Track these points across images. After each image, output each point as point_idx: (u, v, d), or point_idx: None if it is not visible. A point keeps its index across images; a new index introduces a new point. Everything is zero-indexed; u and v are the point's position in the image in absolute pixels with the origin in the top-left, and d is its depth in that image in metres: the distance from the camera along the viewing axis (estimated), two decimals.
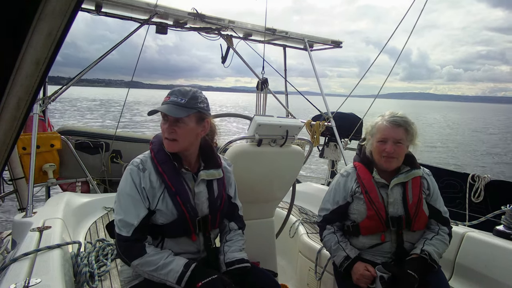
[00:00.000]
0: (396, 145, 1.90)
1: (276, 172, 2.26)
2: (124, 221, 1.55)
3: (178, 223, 1.61)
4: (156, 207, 1.59)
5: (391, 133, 1.91)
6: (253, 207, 2.31)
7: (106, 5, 3.56)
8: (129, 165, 1.64)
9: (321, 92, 4.68)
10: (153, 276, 1.54)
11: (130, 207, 1.56)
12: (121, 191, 1.60)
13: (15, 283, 1.42)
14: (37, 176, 3.69)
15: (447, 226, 2.00)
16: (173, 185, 1.61)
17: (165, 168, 1.62)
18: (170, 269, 1.53)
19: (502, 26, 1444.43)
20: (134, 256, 1.53)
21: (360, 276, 1.86)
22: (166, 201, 1.60)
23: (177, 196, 1.61)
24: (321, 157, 5.07)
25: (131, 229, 1.53)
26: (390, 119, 1.94)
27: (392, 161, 1.93)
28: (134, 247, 1.54)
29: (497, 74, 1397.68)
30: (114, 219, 1.61)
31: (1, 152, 0.66)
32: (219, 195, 1.74)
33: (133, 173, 1.60)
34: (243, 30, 4.43)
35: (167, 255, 1.56)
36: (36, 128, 3.04)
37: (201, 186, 1.70)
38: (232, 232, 1.83)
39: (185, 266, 1.54)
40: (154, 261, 1.52)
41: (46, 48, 0.53)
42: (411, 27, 3.68)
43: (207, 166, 1.73)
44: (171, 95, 1.61)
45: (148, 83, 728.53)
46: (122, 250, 1.57)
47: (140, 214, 1.56)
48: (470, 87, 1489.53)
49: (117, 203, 1.61)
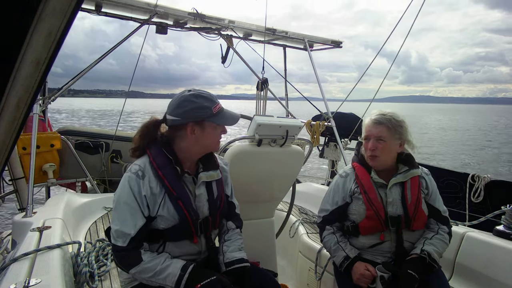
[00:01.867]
0: (377, 142, 1.93)
1: (276, 172, 2.26)
2: (120, 231, 1.52)
3: (179, 227, 1.59)
4: (157, 213, 1.57)
5: (372, 130, 1.95)
6: (253, 207, 2.31)
7: (106, 5, 3.56)
8: (127, 172, 1.60)
9: (321, 93, 4.68)
10: (152, 282, 1.53)
11: (127, 217, 1.53)
12: (118, 199, 1.56)
13: (15, 283, 1.42)
14: (37, 176, 3.69)
15: (447, 225, 2.00)
16: (175, 190, 1.58)
17: (165, 172, 1.58)
18: (168, 273, 1.51)
19: (500, 27, 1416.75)
20: (131, 265, 1.52)
21: (360, 276, 1.86)
22: (167, 206, 1.57)
23: (178, 200, 1.58)
24: (321, 157, 5.06)
25: (127, 239, 1.51)
26: (373, 117, 1.97)
27: (375, 159, 1.95)
28: (130, 256, 1.52)
29: (496, 75, 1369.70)
30: (111, 227, 1.59)
31: (1, 152, 0.66)
32: (218, 196, 1.73)
33: (132, 181, 1.55)
34: (243, 30, 4.43)
35: (163, 259, 1.54)
36: (36, 128, 3.03)
37: (202, 188, 1.68)
38: (230, 232, 1.82)
39: (182, 269, 1.52)
40: (151, 267, 1.51)
41: (46, 48, 0.53)
42: (408, 30, 3.68)
43: (206, 168, 1.72)
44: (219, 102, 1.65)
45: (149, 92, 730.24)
46: (119, 259, 1.56)
47: (137, 224, 1.52)
48: (470, 88, 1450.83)
49: (114, 211, 1.58)
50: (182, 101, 1.61)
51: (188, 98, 1.61)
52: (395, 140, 1.95)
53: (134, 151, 1.68)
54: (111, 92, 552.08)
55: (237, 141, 2.18)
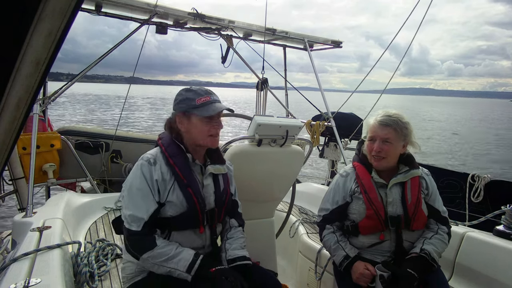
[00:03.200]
0: (384, 144, 1.92)
1: (276, 172, 2.26)
2: (133, 216, 1.57)
3: (187, 215, 1.64)
4: (167, 199, 1.62)
5: (379, 132, 1.94)
6: (253, 207, 2.31)
7: (106, 5, 3.56)
8: (139, 160, 1.67)
9: (321, 93, 4.68)
10: (163, 266, 1.56)
11: (140, 202, 1.58)
12: (130, 185, 1.62)
13: (15, 283, 1.42)
14: (37, 176, 3.69)
15: (446, 225, 2.00)
16: (185, 177, 1.65)
17: (176, 160, 1.66)
18: (180, 258, 1.56)
19: (503, 21, 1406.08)
20: (145, 249, 1.55)
21: (359, 275, 1.86)
22: (177, 193, 1.63)
23: (188, 188, 1.64)
24: (321, 157, 5.07)
25: (141, 224, 1.56)
26: (379, 118, 1.97)
27: (381, 160, 1.95)
28: (145, 240, 1.57)
29: (497, 69, 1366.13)
30: (122, 214, 1.63)
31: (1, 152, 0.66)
32: (224, 190, 1.79)
33: (144, 167, 1.62)
34: (243, 30, 4.44)
35: (176, 246, 1.60)
36: (36, 128, 3.04)
37: (209, 179, 1.75)
38: (233, 230, 1.85)
39: (195, 255, 1.59)
40: (165, 252, 1.55)
41: (46, 48, 0.53)
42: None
43: (213, 161, 1.79)
44: (210, 95, 1.70)
45: (148, 78, 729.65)
46: (132, 243, 1.59)
47: (150, 209, 1.58)
48: (471, 82, 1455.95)
49: (126, 198, 1.62)
50: (177, 95, 1.74)
51: (180, 92, 1.74)
52: (400, 142, 1.95)
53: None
54: (110, 77, 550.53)
55: (237, 141, 2.18)
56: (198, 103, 1.66)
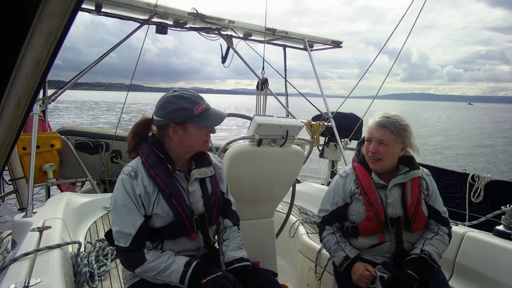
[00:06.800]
0: (379, 145, 1.91)
1: (276, 172, 2.26)
2: (121, 232, 1.54)
3: (175, 225, 1.61)
4: (152, 211, 1.59)
5: (375, 133, 1.93)
6: (253, 207, 2.31)
7: (106, 5, 3.56)
8: (120, 174, 1.62)
9: (321, 92, 4.68)
10: (157, 279, 1.55)
11: (126, 217, 1.55)
12: (115, 201, 1.59)
13: (15, 283, 1.42)
14: (37, 176, 3.69)
15: (447, 226, 2.00)
16: (167, 187, 1.60)
17: (157, 171, 1.60)
18: (171, 270, 1.54)
19: (501, 26, 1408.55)
20: (135, 265, 1.54)
21: (360, 276, 1.86)
22: (162, 204, 1.59)
23: (172, 198, 1.60)
24: (321, 157, 5.06)
25: (129, 239, 1.53)
26: (377, 119, 1.95)
27: (377, 162, 1.93)
28: (134, 256, 1.54)
29: (497, 74, 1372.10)
30: (112, 229, 1.61)
31: (1, 152, 0.66)
32: (212, 192, 1.74)
33: (125, 182, 1.58)
34: (243, 30, 4.43)
35: (167, 257, 1.56)
36: (36, 128, 3.04)
37: (195, 185, 1.70)
38: (228, 230, 1.82)
39: (186, 265, 1.55)
40: (155, 266, 1.53)
41: (46, 48, 0.53)
42: (410, 27, 3.68)
43: (198, 165, 1.73)
44: (202, 100, 1.63)
45: (148, 86, 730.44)
46: (124, 260, 1.59)
47: (136, 223, 1.55)
48: (471, 87, 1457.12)
49: (113, 213, 1.61)
50: (165, 102, 1.61)
51: (169, 99, 1.61)
52: (398, 144, 1.92)
53: (130, 152, 1.71)
54: (111, 85, 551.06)
55: (237, 141, 2.18)
56: (196, 112, 1.60)
